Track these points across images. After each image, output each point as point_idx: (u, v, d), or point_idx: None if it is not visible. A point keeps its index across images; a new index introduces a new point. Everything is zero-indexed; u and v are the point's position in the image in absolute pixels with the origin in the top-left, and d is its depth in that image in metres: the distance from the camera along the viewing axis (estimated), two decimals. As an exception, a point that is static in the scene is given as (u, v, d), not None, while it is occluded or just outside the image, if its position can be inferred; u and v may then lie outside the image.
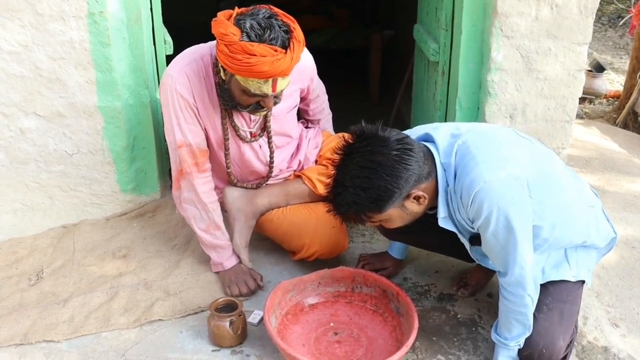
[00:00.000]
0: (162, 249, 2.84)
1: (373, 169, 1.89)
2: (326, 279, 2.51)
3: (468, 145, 2.00)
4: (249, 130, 2.56)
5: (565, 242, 2.17)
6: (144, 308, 2.47)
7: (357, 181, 1.90)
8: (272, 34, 2.13)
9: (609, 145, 4.05)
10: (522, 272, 1.99)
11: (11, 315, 2.42)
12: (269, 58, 2.11)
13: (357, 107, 4.96)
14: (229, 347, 2.30)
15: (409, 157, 1.91)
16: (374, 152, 1.90)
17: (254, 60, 2.10)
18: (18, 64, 2.68)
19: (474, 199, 1.92)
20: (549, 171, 2.08)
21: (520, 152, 2.04)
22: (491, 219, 1.92)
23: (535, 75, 2.90)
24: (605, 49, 7.34)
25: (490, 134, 2.09)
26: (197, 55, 2.41)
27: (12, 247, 2.83)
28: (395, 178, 1.89)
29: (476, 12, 2.85)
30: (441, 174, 2.00)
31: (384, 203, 1.92)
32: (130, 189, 3.03)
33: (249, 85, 2.20)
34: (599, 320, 2.42)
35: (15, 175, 2.90)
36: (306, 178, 2.69)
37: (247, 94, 2.26)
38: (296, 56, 2.19)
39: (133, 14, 2.73)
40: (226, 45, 2.14)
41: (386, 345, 2.31)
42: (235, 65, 2.14)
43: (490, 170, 1.92)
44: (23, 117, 2.78)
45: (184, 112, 2.41)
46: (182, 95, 2.38)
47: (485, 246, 2.05)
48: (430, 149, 2.03)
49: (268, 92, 2.22)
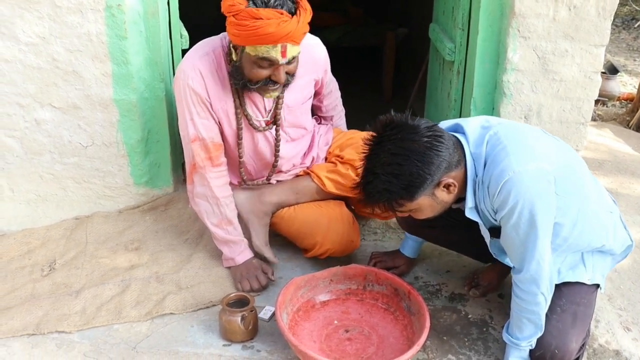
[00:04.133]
0: (174, 242, 2.85)
1: (405, 156, 1.90)
2: (338, 276, 2.52)
3: (499, 136, 2.00)
4: (264, 119, 2.55)
5: (584, 244, 2.16)
6: (156, 301, 2.48)
7: (389, 168, 1.91)
8: (277, 1, 2.17)
9: (622, 148, 4.03)
10: (539, 268, 1.99)
11: (24, 305, 2.44)
12: (274, 20, 2.14)
13: (370, 105, 4.95)
14: (240, 342, 2.31)
15: (439, 143, 1.92)
16: (405, 139, 1.91)
17: (260, 23, 2.13)
18: (35, 56, 2.69)
19: (502, 189, 1.92)
20: (574, 171, 2.08)
21: (549, 148, 2.04)
22: (515, 210, 1.92)
23: (551, 77, 2.89)
24: (619, 51, 7.30)
25: (520, 129, 2.10)
26: (209, 48, 2.43)
27: (25, 238, 2.85)
28: (427, 164, 1.90)
29: (493, 12, 2.84)
30: (470, 163, 2.00)
31: (415, 189, 1.93)
32: (143, 182, 3.04)
33: (258, 52, 2.21)
34: (611, 324, 2.41)
35: (29, 166, 2.91)
36: (315, 175, 2.69)
37: (258, 65, 2.26)
38: (302, 22, 2.21)
39: (150, 8, 2.73)
40: (234, 15, 2.17)
41: (397, 344, 2.31)
42: (244, 32, 2.17)
43: (520, 162, 1.92)
44: (39, 109, 2.80)
45: (196, 106, 2.42)
46: (194, 90, 2.39)
47: (505, 239, 2.04)
48: (460, 139, 2.03)
49: (277, 57, 2.22)
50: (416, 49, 5.13)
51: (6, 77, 2.71)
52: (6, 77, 2.71)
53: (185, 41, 2.98)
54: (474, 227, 2.20)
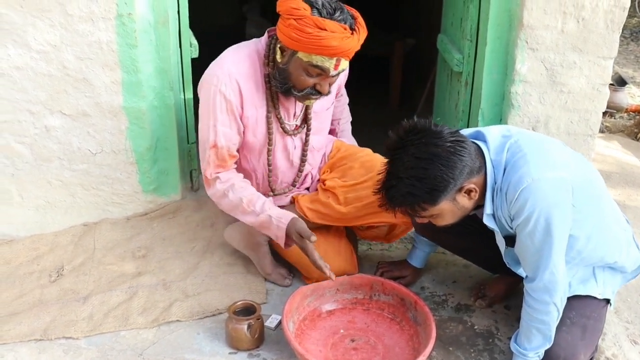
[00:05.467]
0: (182, 250, 2.86)
1: (429, 160, 1.91)
2: (344, 285, 2.52)
3: (520, 144, 2.02)
4: (294, 122, 2.54)
5: (597, 258, 2.16)
6: (162, 308, 2.48)
7: (413, 172, 1.92)
8: (341, 15, 2.18)
9: (630, 160, 4.02)
10: (552, 278, 1.99)
11: (31, 310, 2.45)
12: (338, 34, 2.15)
13: (378, 115, 4.96)
14: (246, 350, 2.31)
15: (462, 148, 1.94)
16: (428, 144, 1.93)
17: (324, 35, 2.13)
18: (46, 63, 2.71)
19: (519, 196, 1.93)
20: (592, 184, 2.09)
21: (569, 159, 2.06)
22: (532, 218, 1.93)
23: (559, 88, 2.89)
24: (627, 62, 7.28)
25: (541, 139, 2.11)
26: (245, 53, 2.40)
27: (33, 243, 2.86)
28: (451, 168, 1.91)
29: (502, 23, 2.85)
30: (490, 170, 2.02)
31: (438, 194, 1.94)
32: (151, 190, 3.05)
33: (312, 59, 2.21)
34: (618, 337, 2.40)
35: (38, 173, 2.93)
36: (298, 206, 2.64)
37: (307, 73, 2.26)
38: (361, 39, 2.23)
39: (161, 17, 2.75)
40: (296, 19, 2.15)
41: (403, 354, 2.31)
42: (304, 39, 2.15)
43: (539, 170, 1.93)
44: (49, 115, 2.81)
45: (223, 114, 2.37)
46: (225, 97, 2.34)
47: (519, 247, 2.05)
48: (480, 146, 2.04)
49: (330, 69, 2.23)
50: (424, 59, 5.13)
51: (17, 84, 2.73)
52: (17, 84, 2.73)
53: (194, 50, 3.00)
54: (487, 235, 2.21)
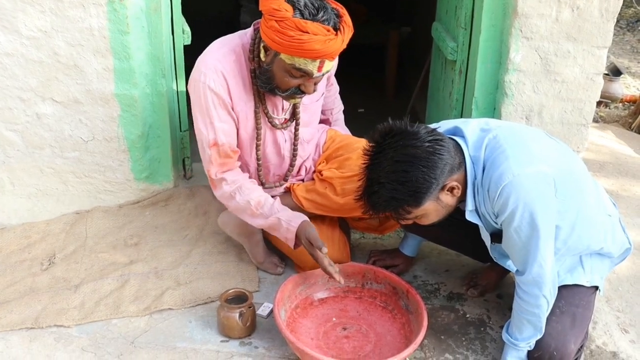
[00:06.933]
0: (174, 238, 2.85)
1: (409, 162, 1.90)
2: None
3: (499, 139, 2.00)
4: (283, 116, 2.51)
5: (582, 247, 2.16)
6: (154, 297, 2.48)
7: (394, 176, 1.91)
8: (325, 15, 2.10)
9: (624, 150, 4.02)
10: (541, 271, 1.99)
11: (23, 299, 2.44)
12: (321, 37, 2.08)
13: (373, 104, 4.96)
14: (238, 338, 2.31)
15: (441, 147, 1.93)
16: (407, 146, 1.91)
17: (306, 38, 2.06)
18: (37, 50, 2.69)
19: (501, 193, 1.92)
20: (573, 174, 2.08)
21: (549, 151, 2.05)
22: (516, 214, 1.92)
23: (553, 78, 2.88)
24: (623, 52, 7.28)
25: (520, 131, 2.10)
26: (230, 47, 2.34)
27: (25, 232, 2.85)
28: (432, 169, 1.90)
29: (496, 12, 2.84)
30: (470, 166, 2.01)
31: (422, 195, 1.93)
32: (143, 178, 3.04)
33: (295, 62, 2.15)
34: (608, 325, 2.41)
35: (30, 160, 2.91)
36: (294, 195, 2.63)
37: (290, 74, 2.20)
38: (346, 40, 2.16)
39: (153, 3, 2.73)
40: (277, 21, 2.08)
41: (394, 342, 2.31)
42: (286, 42, 2.09)
43: (519, 165, 1.92)
44: (40, 103, 2.80)
45: (217, 109, 2.32)
46: (215, 92, 2.29)
47: (507, 242, 2.05)
48: (459, 142, 2.03)
49: (314, 72, 2.18)
50: (419, 48, 5.12)
51: (8, 71, 2.71)
52: (8, 71, 2.71)
53: (187, 37, 2.98)
54: (474, 227, 2.20)
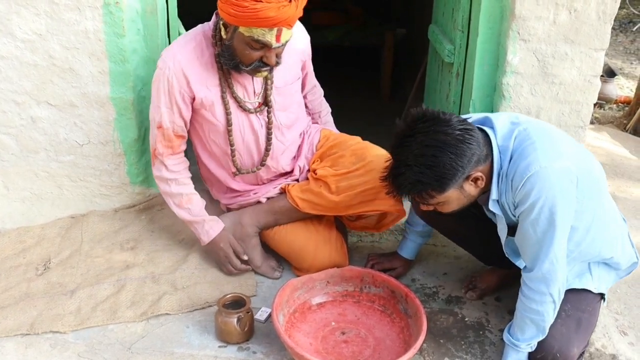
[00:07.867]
0: (170, 242, 2.83)
1: (438, 148, 1.91)
2: (335, 278, 2.51)
3: (529, 132, 2.02)
4: (256, 100, 2.53)
5: (594, 252, 2.17)
6: (151, 302, 2.46)
7: (422, 159, 1.92)
8: None
9: (619, 151, 4.03)
10: (552, 268, 1.99)
11: (18, 304, 2.42)
12: (274, 4, 2.15)
13: (368, 105, 4.96)
14: (236, 343, 2.30)
15: (470, 137, 1.95)
16: (438, 132, 1.93)
17: (260, 6, 2.14)
18: (32, 53, 2.67)
19: (525, 183, 1.93)
20: (594, 176, 2.09)
21: (574, 150, 2.06)
22: (536, 206, 1.93)
23: (550, 80, 2.88)
24: (616, 53, 7.31)
25: (548, 128, 2.11)
26: (191, 35, 2.45)
27: (20, 236, 2.83)
28: (460, 157, 1.92)
29: (493, 14, 2.83)
30: (497, 156, 2.02)
31: (447, 182, 1.94)
32: (139, 181, 3.02)
33: (253, 33, 2.21)
34: (607, 328, 2.41)
35: (25, 164, 2.89)
36: (289, 196, 2.64)
37: (250, 47, 2.27)
38: (300, 7, 2.23)
39: (149, 6, 2.72)
40: None
41: (394, 347, 2.30)
42: (241, 13, 2.16)
43: (547, 158, 1.94)
44: (35, 106, 2.77)
45: (166, 96, 2.44)
46: (168, 79, 2.40)
47: (521, 235, 2.05)
48: (487, 132, 2.04)
49: (272, 42, 2.24)
50: (415, 49, 5.12)
51: (2, 74, 2.69)
52: (2, 74, 2.69)
53: (183, 40, 2.96)
54: (486, 223, 2.20)
